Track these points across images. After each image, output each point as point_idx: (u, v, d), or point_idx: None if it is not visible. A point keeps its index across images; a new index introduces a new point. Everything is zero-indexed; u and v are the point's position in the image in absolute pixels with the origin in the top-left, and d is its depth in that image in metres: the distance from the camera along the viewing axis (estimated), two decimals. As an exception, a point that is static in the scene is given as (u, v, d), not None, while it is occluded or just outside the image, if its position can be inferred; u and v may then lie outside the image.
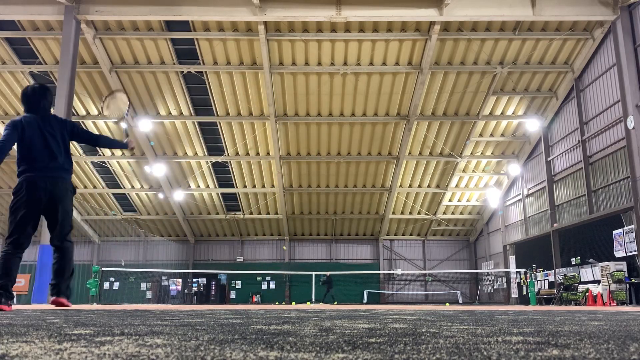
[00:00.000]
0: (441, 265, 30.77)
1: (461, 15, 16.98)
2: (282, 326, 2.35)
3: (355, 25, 18.46)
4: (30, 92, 5.13)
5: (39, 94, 5.15)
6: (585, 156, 19.79)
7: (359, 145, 24.10)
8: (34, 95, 5.13)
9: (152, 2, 16.85)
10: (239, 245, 31.22)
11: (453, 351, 1.26)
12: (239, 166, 25.50)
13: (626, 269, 16.59)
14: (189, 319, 3.21)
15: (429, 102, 21.73)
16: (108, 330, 1.95)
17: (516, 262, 25.15)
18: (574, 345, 1.44)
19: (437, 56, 19.70)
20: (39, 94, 5.15)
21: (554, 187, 22.47)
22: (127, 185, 26.93)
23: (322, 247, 31.15)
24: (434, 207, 28.58)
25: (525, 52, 19.62)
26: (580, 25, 18.57)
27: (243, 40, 19.07)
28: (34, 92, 5.14)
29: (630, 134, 16.46)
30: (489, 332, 2.01)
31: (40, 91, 5.16)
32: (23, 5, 16.91)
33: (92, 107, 22.21)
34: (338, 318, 3.42)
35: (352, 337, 1.72)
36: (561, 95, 21.27)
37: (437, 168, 25.63)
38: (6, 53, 19.85)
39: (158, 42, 19.23)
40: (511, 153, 25.11)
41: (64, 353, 1.16)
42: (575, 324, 2.79)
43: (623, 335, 1.87)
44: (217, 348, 1.31)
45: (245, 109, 22.06)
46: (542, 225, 23.30)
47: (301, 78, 20.61)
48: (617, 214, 17.43)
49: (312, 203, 28.17)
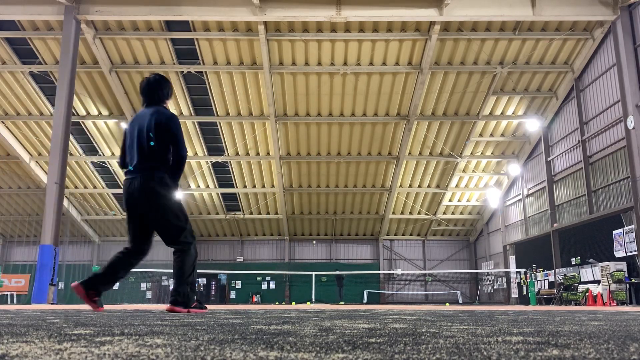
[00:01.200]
0: (441, 265, 30.78)
1: (461, 15, 16.99)
2: (282, 326, 2.35)
3: (355, 25, 18.46)
4: (144, 84, 4.81)
5: (153, 85, 4.80)
6: (585, 156, 19.79)
7: (359, 145, 24.10)
8: (147, 87, 4.80)
9: (152, 2, 16.86)
10: (239, 245, 31.22)
11: (453, 351, 1.26)
12: (239, 166, 25.50)
13: (626, 269, 16.59)
14: (189, 319, 3.21)
15: (429, 102, 21.73)
16: (108, 330, 1.95)
17: (516, 262, 25.15)
18: (574, 345, 1.44)
19: (437, 56, 19.70)
20: (153, 85, 4.80)
21: (554, 187, 22.47)
22: (127, 185, 26.90)
23: (322, 247, 31.16)
24: (434, 207, 28.59)
25: (525, 52, 19.62)
26: (580, 25, 18.57)
27: (243, 40, 19.07)
28: (147, 83, 4.80)
29: (630, 134, 16.47)
30: (489, 332, 2.01)
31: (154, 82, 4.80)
32: (23, 5, 16.91)
33: (92, 107, 22.22)
34: (338, 318, 3.42)
35: (352, 337, 1.72)
36: (561, 95, 21.27)
37: (437, 168, 25.63)
38: (6, 53, 19.85)
39: (158, 42, 19.23)
40: (511, 153, 25.11)
41: (64, 353, 1.16)
42: (575, 324, 2.79)
43: (623, 335, 1.87)
44: (217, 348, 1.31)
45: (245, 109, 22.06)
46: (542, 225, 23.30)
47: (301, 78, 20.61)
48: (617, 214, 17.43)
49: (312, 203, 28.17)
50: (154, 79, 4.82)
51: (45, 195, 15.86)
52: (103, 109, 22.31)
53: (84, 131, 23.41)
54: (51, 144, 15.67)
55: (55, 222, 14.74)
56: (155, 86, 4.80)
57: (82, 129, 23.26)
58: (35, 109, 22.36)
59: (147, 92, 4.78)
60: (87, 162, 25.31)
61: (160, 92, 4.81)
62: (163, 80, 4.86)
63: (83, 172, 26.20)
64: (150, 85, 4.79)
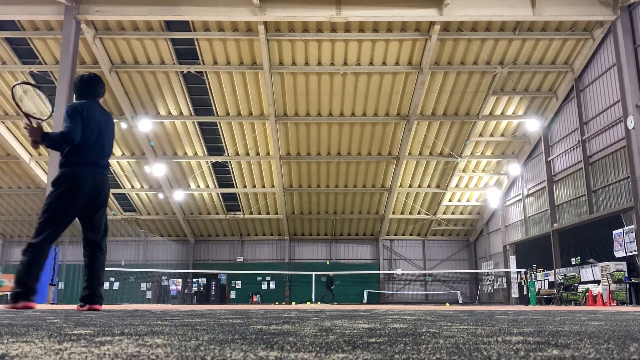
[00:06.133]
0: (441, 265, 30.78)
1: (461, 15, 16.99)
2: (282, 326, 2.35)
3: (355, 25, 18.46)
4: (87, 78, 4.99)
5: (95, 80, 5.02)
6: (585, 156, 19.79)
7: (359, 145, 24.10)
8: (90, 81, 4.99)
9: (152, 2, 16.86)
10: (239, 245, 31.22)
11: (453, 351, 1.26)
12: (239, 166, 25.50)
13: (626, 269, 16.59)
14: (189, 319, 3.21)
15: (429, 102, 21.73)
16: (108, 330, 1.95)
17: (516, 262, 25.15)
18: (574, 345, 1.44)
19: (437, 56, 19.70)
20: (95, 80, 5.02)
21: (554, 187, 22.47)
22: (127, 185, 26.93)
23: (322, 247, 31.16)
24: (434, 207, 28.59)
25: (525, 52, 19.62)
26: (580, 25, 18.57)
27: (243, 40, 19.07)
28: (90, 78, 5.00)
29: (630, 134, 16.47)
30: (489, 332, 2.01)
31: (96, 78, 5.04)
32: (23, 5, 16.91)
33: (92, 107, 22.19)
34: (338, 318, 3.42)
35: (352, 337, 1.72)
36: (561, 95, 21.27)
37: (437, 168, 25.63)
38: (6, 53, 19.85)
39: (158, 42, 19.23)
40: (511, 153, 25.11)
41: (64, 353, 1.16)
42: (575, 324, 2.79)
43: (623, 335, 1.87)
44: (217, 348, 1.31)
45: (245, 109, 22.06)
46: (542, 225, 23.30)
47: (301, 78, 20.61)
48: (617, 214, 17.43)
49: (312, 203, 28.17)
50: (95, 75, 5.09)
51: (45, 195, 15.84)
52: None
53: (84, 131, 23.38)
54: (51, 144, 15.65)
55: (55, 222, 14.70)
56: (97, 81, 5.07)
57: (82, 129, 23.23)
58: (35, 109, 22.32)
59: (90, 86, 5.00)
60: (87, 162, 25.27)
61: (100, 88, 5.08)
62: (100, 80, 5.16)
63: (83, 172, 26.18)
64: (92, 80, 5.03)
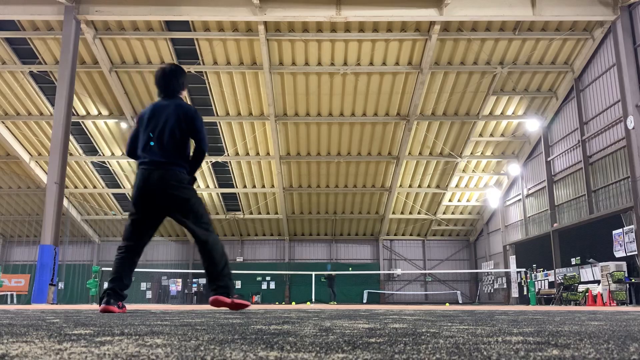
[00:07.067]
0: (441, 265, 30.78)
1: (461, 15, 16.99)
2: (282, 326, 2.35)
3: (355, 25, 18.46)
4: (159, 74, 4.68)
5: (160, 74, 4.68)
6: (585, 156, 19.79)
7: (359, 145, 24.10)
8: (162, 77, 4.68)
9: (152, 2, 16.86)
10: (239, 245, 31.23)
11: (453, 351, 1.26)
12: (239, 166, 25.50)
13: (626, 269, 16.60)
14: (189, 319, 3.21)
15: (429, 102, 21.73)
16: (108, 330, 1.95)
17: (516, 262, 25.15)
18: (574, 345, 1.44)
19: (437, 56, 19.70)
20: (160, 74, 4.68)
21: (554, 187, 22.47)
22: (127, 185, 26.93)
23: (322, 247, 31.16)
24: (434, 207, 28.59)
25: (525, 52, 19.62)
26: (580, 25, 18.57)
27: (243, 40, 19.07)
28: (163, 73, 4.68)
29: (630, 134, 16.47)
30: (489, 332, 2.01)
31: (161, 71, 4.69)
32: (23, 5, 16.91)
33: (92, 107, 22.22)
34: (338, 318, 3.42)
35: (352, 337, 1.72)
36: (561, 95, 21.28)
37: (437, 168, 25.63)
38: (6, 53, 19.85)
39: (158, 42, 19.23)
40: (511, 153, 25.12)
41: (64, 353, 1.16)
42: (575, 324, 2.79)
43: (623, 335, 1.87)
44: (217, 348, 1.31)
45: (245, 109, 22.06)
46: (542, 225, 23.30)
47: (301, 78, 20.61)
48: (617, 214, 17.43)
49: (312, 203, 28.17)
50: (170, 69, 4.70)
51: (45, 195, 15.86)
52: (103, 109, 22.31)
53: (84, 131, 23.41)
54: (51, 144, 15.67)
55: (55, 222, 14.74)
56: (171, 76, 4.68)
57: (82, 129, 23.26)
58: (35, 109, 22.36)
59: (162, 82, 4.67)
60: (87, 162, 25.31)
61: (175, 83, 4.69)
62: (179, 70, 4.74)
63: (83, 172, 26.20)
64: (166, 76, 4.67)
